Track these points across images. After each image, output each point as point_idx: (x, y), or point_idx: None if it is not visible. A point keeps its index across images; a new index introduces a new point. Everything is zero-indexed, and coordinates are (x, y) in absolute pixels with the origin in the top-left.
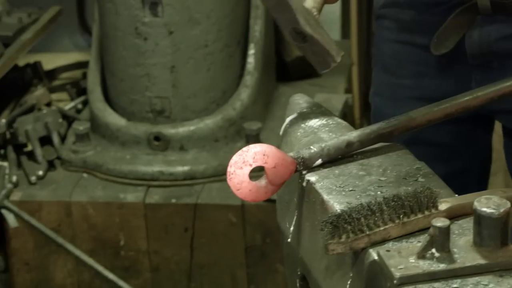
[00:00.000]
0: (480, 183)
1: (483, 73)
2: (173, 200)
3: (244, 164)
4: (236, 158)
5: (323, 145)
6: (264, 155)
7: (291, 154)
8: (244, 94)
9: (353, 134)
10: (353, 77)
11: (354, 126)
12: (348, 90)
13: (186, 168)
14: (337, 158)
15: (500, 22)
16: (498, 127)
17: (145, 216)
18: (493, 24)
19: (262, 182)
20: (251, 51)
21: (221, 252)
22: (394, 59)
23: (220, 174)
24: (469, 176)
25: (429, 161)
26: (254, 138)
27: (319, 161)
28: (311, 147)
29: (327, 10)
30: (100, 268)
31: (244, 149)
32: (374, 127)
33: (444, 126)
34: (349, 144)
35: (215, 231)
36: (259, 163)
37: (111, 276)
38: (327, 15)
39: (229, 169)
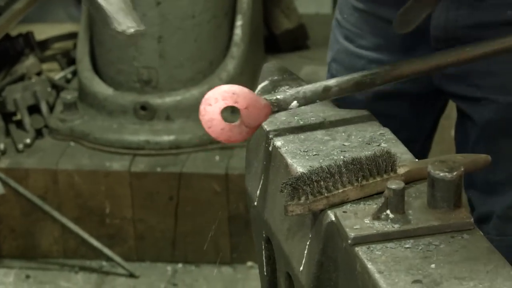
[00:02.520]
0: (422, 153)
1: None
2: (158, 169)
3: (214, 101)
4: (206, 96)
5: (299, 88)
6: (233, 93)
7: (265, 96)
8: (230, 65)
9: (332, 80)
10: None
11: None
12: None
13: (171, 137)
14: (313, 101)
15: (468, 8)
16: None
17: (131, 184)
18: (460, 9)
19: (236, 123)
20: (239, 23)
21: (205, 221)
22: (356, 27)
23: (205, 144)
24: (414, 146)
25: None
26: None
27: (295, 103)
28: (287, 90)
29: None
30: (85, 235)
31: (215, 88)
32: (355, 74)
33: (397, 99)
34: (326, 89)
35: (199, 200)
36: (229, 101)
37: (96, 243)
38: None
39: (200, 107)
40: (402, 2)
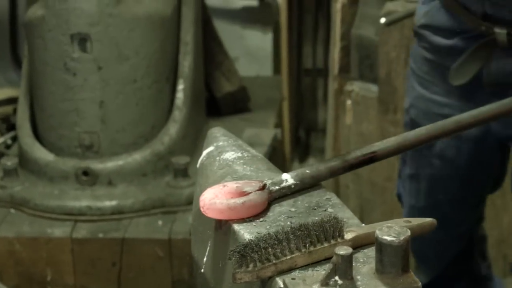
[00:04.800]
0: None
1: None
2: (100, 235)
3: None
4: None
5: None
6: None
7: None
8: (172, 129)
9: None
10: (283, 112)
11: (285, 160)
12: (279, 124)
13: (114, 202)
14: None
15: None
16: None
17: (72, 251)
18: (509, 57)
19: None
20: (180, 87)
21: (149, 286)
22: (429, 75)
23: (147, 209)
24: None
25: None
26: (182, 172)
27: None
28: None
29: (260, 47)
30: None
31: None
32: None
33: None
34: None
35: (143, 266)
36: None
37: None
38: (260, 52)
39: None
40: (462, 52)
